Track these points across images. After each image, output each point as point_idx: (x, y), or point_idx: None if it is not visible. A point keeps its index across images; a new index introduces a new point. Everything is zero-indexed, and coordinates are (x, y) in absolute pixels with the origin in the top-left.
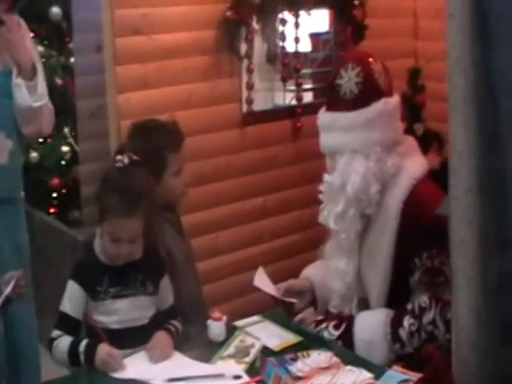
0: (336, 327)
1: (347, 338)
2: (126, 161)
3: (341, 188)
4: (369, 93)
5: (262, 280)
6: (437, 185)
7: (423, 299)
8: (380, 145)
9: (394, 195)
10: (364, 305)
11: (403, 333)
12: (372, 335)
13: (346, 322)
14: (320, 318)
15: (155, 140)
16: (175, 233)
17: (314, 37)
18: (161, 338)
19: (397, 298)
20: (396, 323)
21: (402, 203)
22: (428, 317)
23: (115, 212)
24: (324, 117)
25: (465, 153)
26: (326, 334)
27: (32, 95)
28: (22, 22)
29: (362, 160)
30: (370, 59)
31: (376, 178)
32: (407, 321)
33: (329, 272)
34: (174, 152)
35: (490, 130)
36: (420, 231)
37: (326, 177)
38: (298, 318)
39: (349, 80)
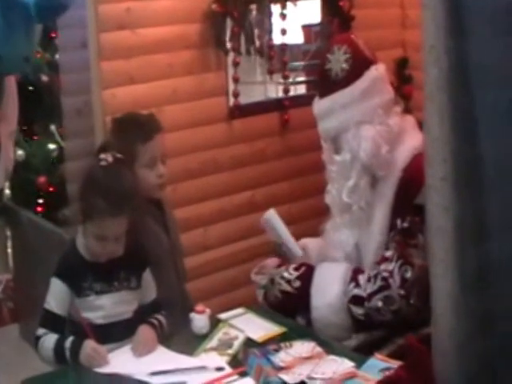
0: (296, 269)
1: (306, 277)
2: (110, 159)
3: (352, 161)
4: (359, 64)
5: (272, 220)
6: None
7: (388, 252)
8: (381, 108)
9: (397, 160)
10: None
11: (361, 277)
12: (331, 273)
13: (306, 265)
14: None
15: (123, 131)
16: (156, 225)
17: (307, 28)
18: (144, 332)
19: None
20: (358, 270)
21: (401, 171)
22: (387, 266)
23: (101, 212)
24: (321, 104)
25: (439, 141)
26: (285, 274)
27: None
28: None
29: (369, 126)
30: (352, 36)
31: (384, 139)
32: (368, 270)
33: (329, 243)
34: (142, 143)
35: (465, 118)
36: (412, 198)
37: (336, 157)
38: (258, 266)
39: (338, 60)
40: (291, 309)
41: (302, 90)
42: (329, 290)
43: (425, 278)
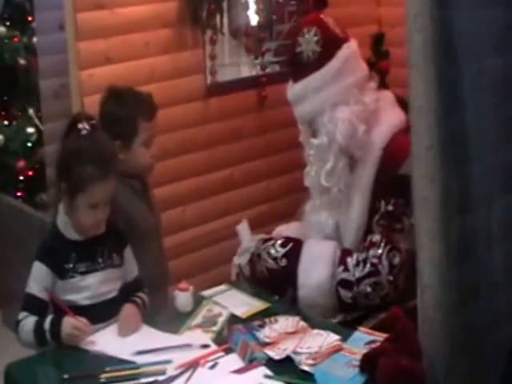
0: (283, 245)
1: (293, 256)
2: (88, 127)
3: (329, 144)
4: (331, 45)
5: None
6: None
7: (375, 237)
8: (356, 86)
9: (375, 139)
10: None
11: (350, 260)
12: (319, 252)
13: (293, 242)
14: (266, 236)
15: (129, 105)
16: (138, 199)
17: (280, 9)
18: (129, 311)
19: None
20: (346, 252)
21: (381, 150)
22: (375, 251)
23: (92, 178)
24: (294, 89)
25: (424, 109)
26: (272, 251)
27: None
28: None
29: (344, 107)
30: (321, 16)
31: (360, 119)
32: (357, 253)
33: (309, 225)
34: (145, 120)
35: (450, 87)
36: (394, 179)
37: (313, 141)
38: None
39: (308, 42)
40: (278, 285)
41: (275, 67)
42: (316, 270)
43: (411, 262)
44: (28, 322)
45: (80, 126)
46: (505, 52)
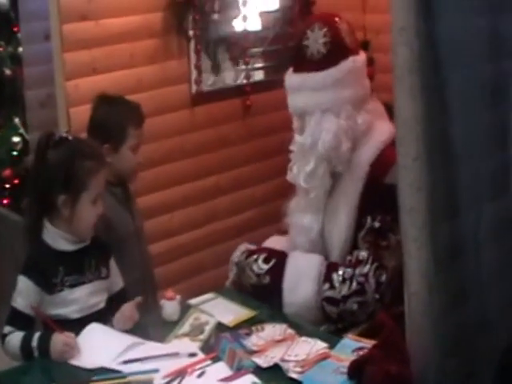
0: (266, 261)
1: (277, 272)
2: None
3: (311, 147)
4: (337, 52)
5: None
6: None
7: (362, 253)
8: (350, 102)
9: (362, 156)
10: None
11: (335, 277)
12: (304, 271)
13: (276, 257)
14: (252, 248)
15: (120, 110)
16: (119, 206)
17: (265, 15)
18: (128, 309)
19: None
20: (331, 267)
21: (369, 166)
22: (362, 269)
23: (93, 171)
24: (292, 78)
25: (410, 121)
26: (254, 268)
27: None
28: None
29: (333, 118)
30: (336, 19)
31: (347, 135)
32: (342, 269)
33: (293, 228)
34: (134, 127)
35: (436, 97)
36: (382, 194)
37: (297, 137)
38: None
39: (316, 40)
40: (263, 300)
41: (260, 75)
42: (301, 287)
43: (397, 278)
44: (14, 337)
45: (63, 135)
46: (493, 59)
